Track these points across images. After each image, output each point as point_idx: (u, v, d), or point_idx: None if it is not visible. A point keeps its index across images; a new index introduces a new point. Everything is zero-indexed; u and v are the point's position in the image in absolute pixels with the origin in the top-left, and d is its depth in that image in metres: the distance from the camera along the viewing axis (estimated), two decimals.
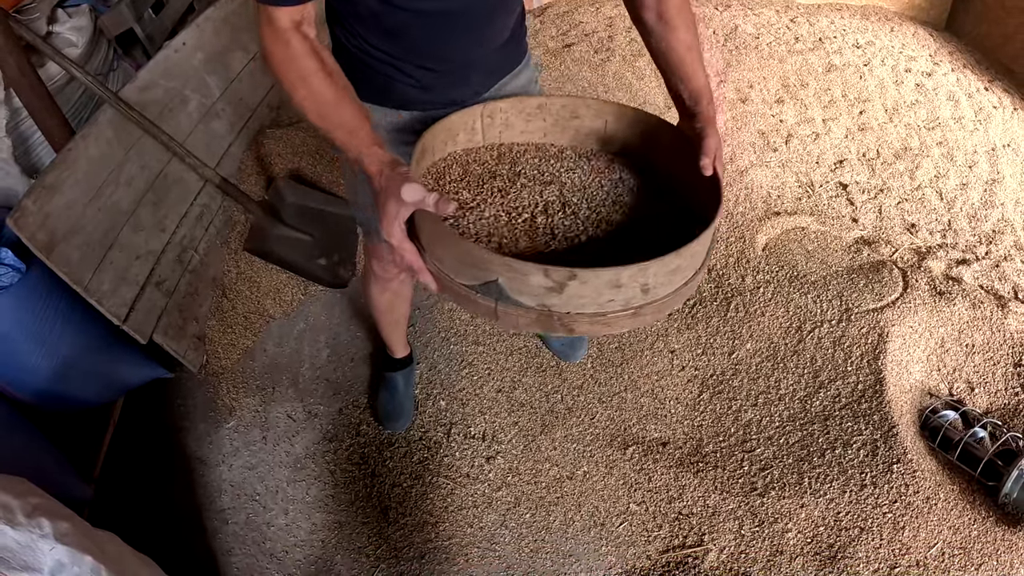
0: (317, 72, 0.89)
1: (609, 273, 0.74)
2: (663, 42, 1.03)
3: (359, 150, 0.88)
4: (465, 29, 1.04)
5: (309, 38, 0.90)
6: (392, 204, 0.81)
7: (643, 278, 0.77)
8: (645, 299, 0.80)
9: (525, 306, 0.78)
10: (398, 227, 0.82)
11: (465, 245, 0.78)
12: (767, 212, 2.23)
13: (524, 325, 0.81)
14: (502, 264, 0.75)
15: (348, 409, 1.85)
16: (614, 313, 0.79)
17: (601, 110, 1.08)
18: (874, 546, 1.54)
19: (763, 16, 3.02)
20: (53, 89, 1.85)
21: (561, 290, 0.75)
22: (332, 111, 0.89)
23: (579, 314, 0.78)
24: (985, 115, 2.58)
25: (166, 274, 1.89)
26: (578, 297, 0.76)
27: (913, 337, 1.86)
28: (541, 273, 0.73)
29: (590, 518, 1.63)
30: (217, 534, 1.68)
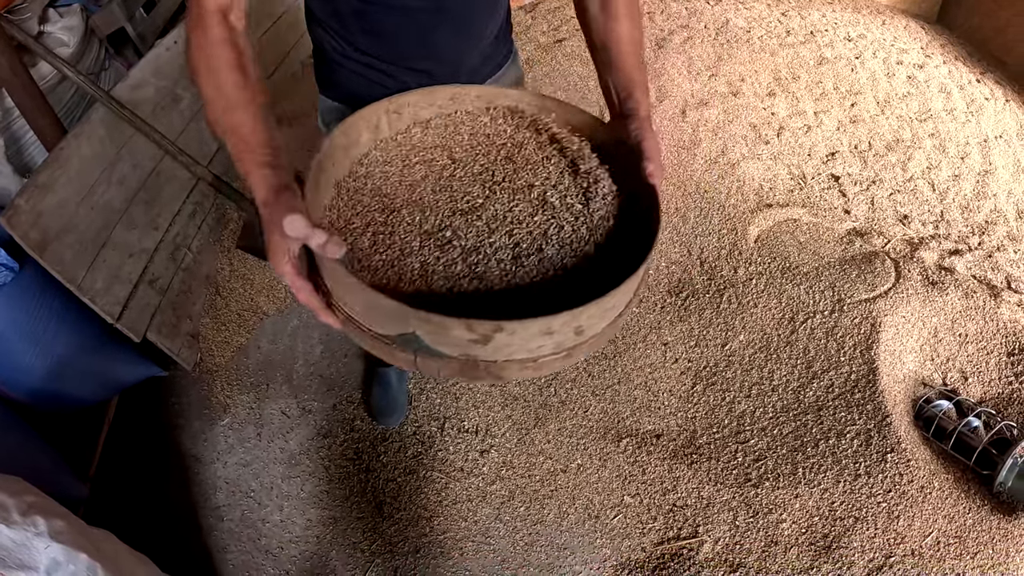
0: (229, 66, 0.80)
1: (539, 323, 0.66)
2: (603, 33, 0.96)
3: (248, 167, 0.75)
4: (449, 27, 1.02)
5: (233, 28, 0.82)
6: (276, 237, 0.71)
7: (576, 322, 0.70)
8: (579, 339, 0.74)
9: (447, 356, 0.70)
10: (285, 263, 0.72)
11: (372, 295, 0.67)
12: (759, 204, 2.23)
13: (448, 375, 0.73)
14: (419, 319, 0.66)
15: (342, 405, 1.85)
16: (545, 357, 0.73)
17: (520, 100, 0.96)
18: (869, 536, 1.54)
19: (754, 10, 3.03)
20: (45, 88, 1.85)
21: (487, 342, 0.67)
22: (232, 113, 0.78)
23: (507, 361, 0.71)
24: (977, 107, 2.59)
25: (159, 272, 1.89)
26: (506, 347, 0.69)
27: (906, 327, 1.86)
28: (463, 327, 0.65)
29: (584, 511, 1.63)
30: (212, 531, 1.68)
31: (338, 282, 0.72)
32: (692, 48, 2.81)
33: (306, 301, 0.75)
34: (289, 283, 0.74)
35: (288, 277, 0.73)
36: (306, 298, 0.75)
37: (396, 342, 0.71)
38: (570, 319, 0.68)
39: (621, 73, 0.94)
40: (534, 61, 2.78)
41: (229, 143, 0.78)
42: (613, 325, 0.78)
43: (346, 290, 0.72)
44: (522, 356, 0.71)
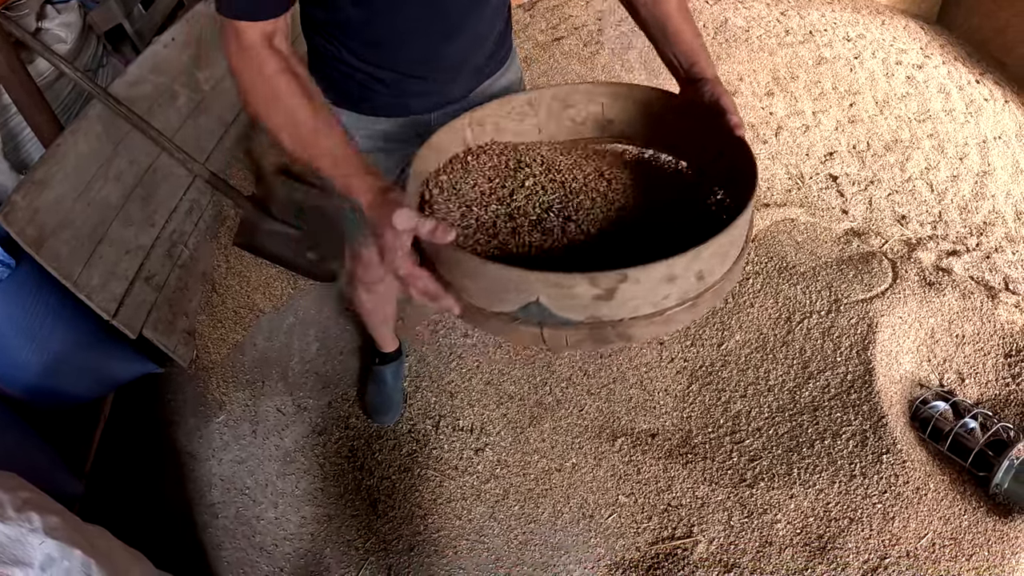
0: (294, 94, 0.80)
1: (662, 267, 0.66)
2: (652, 7, 0.98)
3: (347, 180, 0.79)
4: (453, 36, 1.00)
5: (282, 53, 0.81)
6: (388, 234, 0.73)
7: (698, 265, 0.70)
8: (701, 287, 0.73)
9: (574, 322, 0.70)
10: (401, 257, 0.74)
11: (493, 268, 0.68)
12: (757, 203, 2.23)
13: (576, 343, 0.73)
14: (541, 281, 0.66)
15: (337, 402, 1.85)
16: (672, 309, 0.71)
17: (594, 93, 1.00)
18: (864, 537, 1.54)
19: (753, 9, 3.02)
20: (42, 85, 1.85)
21: (611, 296, 0.67)
22: (314, 138, 0.80)
23: (634, 319, 0.70)
24: (976, 107, 2.58)
25: (156, 269, 1.89)
26: (631, 300, 0.68)
27: (903, 328, 1.86)
28: (587, 282, 0.65)
29: (579, 510, 1.63)
30: (207, 528, 1.68)
31: (455, 265, 0.74)
32: None
33: (425, 288, 0.75)
34: (407, 275, 0.75)
35: (405, 269, 0.74)
36: (427, 284, 0.75)
37: (519, 317, 0.71)
38: (692, 260, 0.68)
39: (682, 43, 0.96)
40: (532, 59, 2.78)
41: (320, 166, 0.80)
42: (731, 272, 0.77)
43: (464, 272, 0.73)
44: (648, 310, 0.71)
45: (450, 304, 0.76)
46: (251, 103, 0.80)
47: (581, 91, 1.01)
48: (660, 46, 1.00)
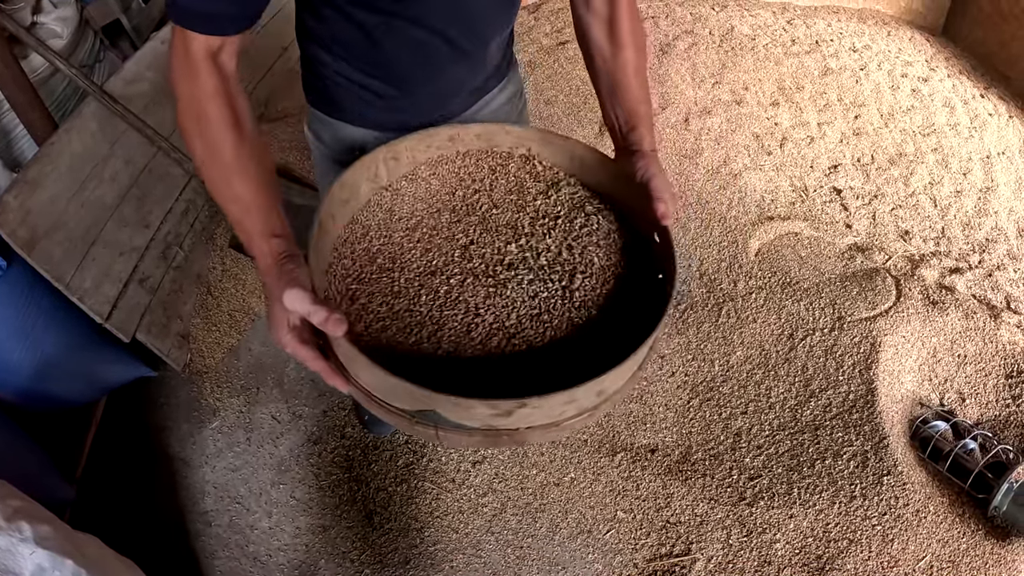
0: (224, 125, 0.74)
1: (562, 396, 0.66)
2: (608, 62, 0.93)
3: (249, 236, 0.73)
4: (456, 56, 0.97)
5: (224, 73, 0.75)
6: (277, 309, 0.69)
7: (599, 387, 0.69)
8: (600, 399, 0.74)
9: (469, 428, 0.70)
10: (286, 335, 0.70)
11: (390, 379, 0.65)
12: (760, 216, 2.21)
13: (469, 445, 0.72)
14: (440, 400, 0.65)
15: (333, 411, 1.83)
16: (568, 420, 0.72)
17: (523, 137, 0.94)
18: (863, 558, 1.53)
19: (760, 17, 3.00)
20: (36, 81, 1.82)
21: (509, 415, 0.67)
22: (230, 180, 0.74)
23: (529, 428, 0.71)
24: (980, 122, 2.57)
25: (150, 271, 1.85)
26: (528, 416, 0.69)
27: (905, 347, 1.85)
28: (486, 406, 0.65)
29: (577, 525, 1.62)
30: (200, 536, 1.65)
31: (350, 360, 0.70)
32: (696, 55, 2.78)
33: (314, 367, 0.72)
34: (291, 353, 0.71)
35: (289, 348, 0.71)
36: (312, 365, 0.72)
37: (416, 417, 0.70)
38: (593, 386, 0.67)
39: (625, 105, 0.92)
40: (536, 63, 2.75)
41: (228, 211, 0.75)
42: (633, 379, 0.77)
43: (359, 368, 0.70)
44: (544, 422, 0.71)
45: (339, 386, 0.72)
46: (181, 122, 0.75)
47: (509, 132, 0.95)
48: (604, 104, 0.95)
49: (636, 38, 0.93)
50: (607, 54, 0.94)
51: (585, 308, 0.80)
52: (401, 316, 0.76)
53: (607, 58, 0.94)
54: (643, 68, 0.94)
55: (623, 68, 0.92)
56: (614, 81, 0.93)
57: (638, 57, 0.93)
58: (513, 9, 1.00)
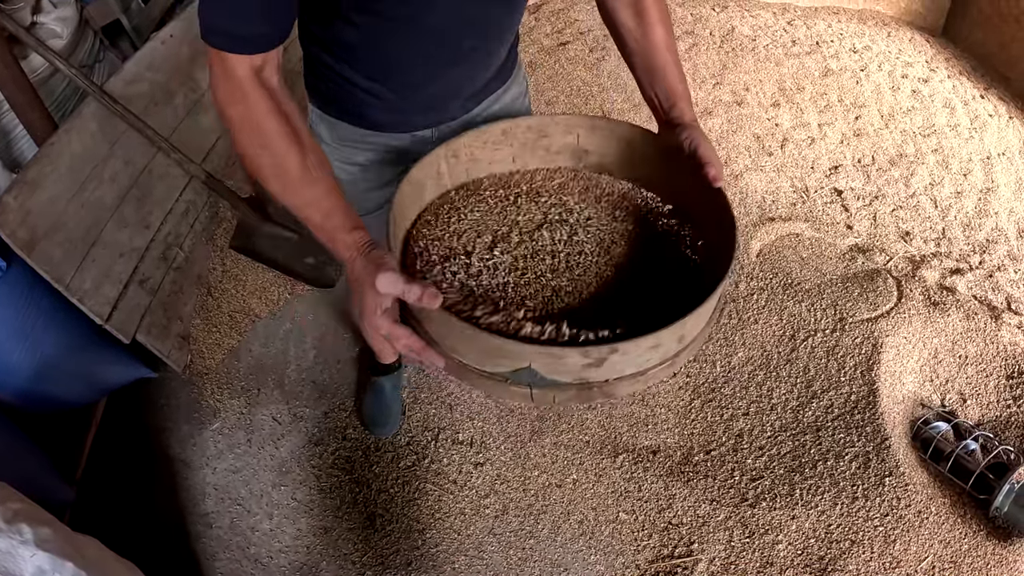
0: (283, 137, 0.76)
1: (650, 339, 0.69)
2: (640, 42, 0.95)
3: (331, 235, 0.77)
4: (461, 59, 0.97)
5: (271, 89, 0.77)
6: (370, 296, 0.71)
7: (681, 331, 0.73)
8: (680, 346, 0.77)
9: (561, 384, 0.73)
10: (381, 318, 0.72)
11: (491, 340, 0.70)
12: (762, 217, 2.21)
13: (563, 401, 0.76)
14: (536, 352, 0.69)
15: (334, 412, 1.82)
16: (652, 369, 0.75)
17: (571, 124, 0.99)
18: (864, 559, 1.53)
19: (760, 18, 3.00)
20: (36, 81, 1.81)
21: (600, 364, 0.71)
22: (303, 189, 0.77)
23: (618, 379, 0.74)
24: (981, 123, 2.57)
25: (150, 272, 1.85)
26: (618, 365, 0.72)
27: (907, 348, 1.85)
28: (579, 354, 0.69)
29: (579, 526, 1.61)
30: (201, 538, 1.65)
31: (449, 331, 0.74)
32: (697, 55, 2.78)
33: (408, 344, 0.74)
34: (388, 334, 0.73)
35: (386, 329, 0.73)
36: (409, 342, 0.74)
37: (510, 378, 0.73)
38: (676, 328, 0.71)
39: (664, 82, 0.95)
40: (537, 64, 2.74)
41: (304, 216, 0.78)
42: (708, 327, 0.81)
43: (457, 338, 0.73)
44: (631, 371, 0.74)
45: (435, 360, 0.74)
46: (239, 143, 0.77)
47: (558, 122, 1.00)
48: (643, 83, 0.98)
49: (663, 15, 0.96)
50: (637, 35, 0.96)
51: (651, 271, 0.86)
52: (476, 292, 0.81)
53: (638, 38, 0.96)
54: (674, 45, 0.96)
55: (656, 47, 0.95)
56: (649, 62, 0.95)
57: (667, 35, 0.96)
58: (517, 14, 1.00)
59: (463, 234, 0.90)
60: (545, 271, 0.85)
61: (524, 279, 0.84)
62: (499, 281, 0.83)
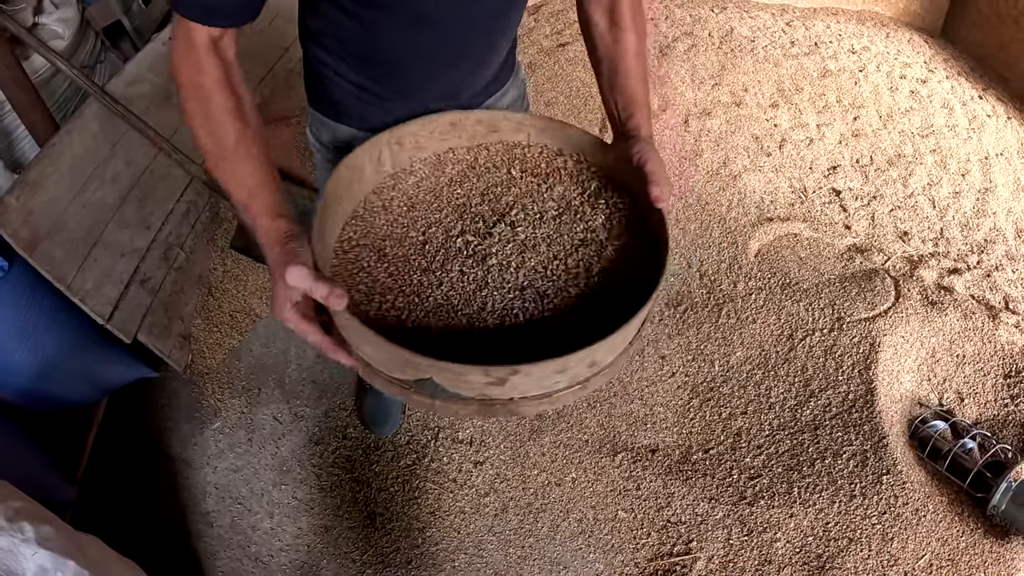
0: (228, 114, 0.77)
1: (554, 364, 0.67)
2: (608, 48, 0.94)
3: (253, 217, 0.77)
4: (458, 59, 0.97)
5: (226, 61, 0.78)
6: (280, 288, 0.73)
7: (590, 358, 0.72)
8: (592, 371, 0.75)
9: (464, 397, 0.72)
10: (289, 311, 0.74)
11: (389, 348, 0.67)
12: (760, 217, 2.22)
13: (465, 415, 0.75)
14: (436, 367, 0.67)
15: (334, 412, 1.83)
16: (560, 392, 0.74)
17: (522, 122, 0.97)
18: (863, 557, 1.54)
19: (759, 19, 3.01)
20: (38, 82, 1.82)
21: (503, 383, 0.70)
22: (235, 164, 0.78)
23: (523, 398, 0.73)
24: (979, 123, 2.58)
25: (151, 272, 1.86)
26: (521, 385, 0.71)
27: (904, 347, 1.86)
28: (480, 372, 0.67)
29: (578, 525, 1.62)
30: (202, 537, 1.66)
31: (351, 332, 0.73)
32: (696, 56, 2.79)
33: (315, 342, 0.75)
34: (294, 328, 0.74)
35: (292, 323, 0.74)
36: (316, 339, 0.75)
37: (413, 386, 0.73)
38: (585, 356, 0.69)
39: (624, 92, 0.93)
40: (536, 65, 2.75)
41: (232, 193, 0.78)
42: (625, 354, 0.79)
43: (360, 340, 0.72)
44: (537, 392, 0.73)
45: (344, 360, 0.75)
46: (186, 110, 0.79)
47: (510, 119, 0.97)
48: (604, 88, 0.96)
49: (637, 23, 0.94)
50: (608, 39, 0.95)
51: (583, 284, 0.82)
52: (404, 292, 0.80)
53: (608, 43, 0.95)
54: (643, 52, 0.95)
55: (623, 52, 0.93)
56: (613, 66, 0.94)
57: (639, 41, 0.94)
58: (516, 12, 1.00)
59: (396, 229, 0.88)
60: (475, 271, 0.82)
61: (450, 280, 0.81)
62: (426, 284, 0.80)
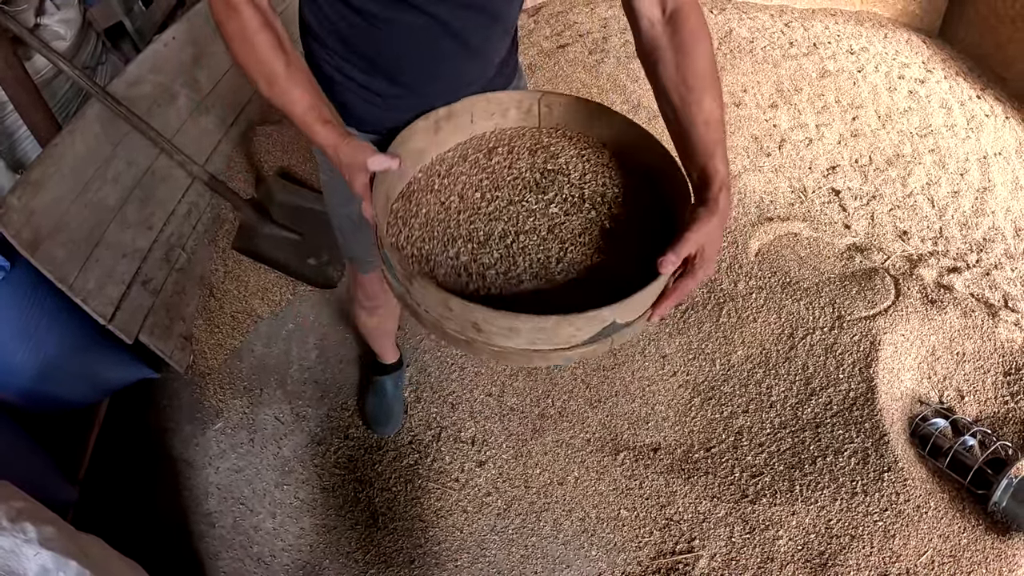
0: (271, 48, 0.87)
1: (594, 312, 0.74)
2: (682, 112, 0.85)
3: (312, 128, 0.88)
4: (458, 53, 0.97)
5: (260, 7, 0.87)
6: (354, 171, 0.86)
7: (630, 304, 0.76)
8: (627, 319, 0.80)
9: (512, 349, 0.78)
10: (363, 187, 0.85)
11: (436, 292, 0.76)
12: (760, 217, 2.23)
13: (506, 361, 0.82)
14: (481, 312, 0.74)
15: (336, 412, 1.83)
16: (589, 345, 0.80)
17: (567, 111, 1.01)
18: (864, 554, 1.54)
19: (758, 20, 3.02)
20: (40, 82, 1.82)
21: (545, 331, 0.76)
22: (288, 91, 0.88)
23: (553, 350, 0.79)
24: (977, 123, 2.59)
25: (153, 273, 1.85)
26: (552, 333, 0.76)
27: (904, 345, 1.87)
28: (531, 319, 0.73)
29: (580, 524, 1.62)
30: (204, 538, 1.65)
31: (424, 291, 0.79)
32: None
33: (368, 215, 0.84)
34: (364, 199, 0.85)
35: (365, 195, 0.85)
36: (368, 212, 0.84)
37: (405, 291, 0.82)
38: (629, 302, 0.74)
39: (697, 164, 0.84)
40: (536, 67, 2.76)
41: (290, 113, 0.89)
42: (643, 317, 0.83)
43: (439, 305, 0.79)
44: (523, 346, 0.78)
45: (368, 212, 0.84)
46: (234, 52, 0.88)
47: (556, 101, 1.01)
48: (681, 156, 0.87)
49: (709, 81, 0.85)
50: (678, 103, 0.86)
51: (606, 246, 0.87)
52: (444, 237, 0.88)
53: (677, 109, 0.87)
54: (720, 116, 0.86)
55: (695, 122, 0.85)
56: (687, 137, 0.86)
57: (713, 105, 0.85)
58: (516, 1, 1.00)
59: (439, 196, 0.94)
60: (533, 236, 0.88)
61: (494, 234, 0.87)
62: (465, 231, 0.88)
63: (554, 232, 0.88)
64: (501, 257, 0.85)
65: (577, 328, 0.75)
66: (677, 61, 0.86)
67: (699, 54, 0.85)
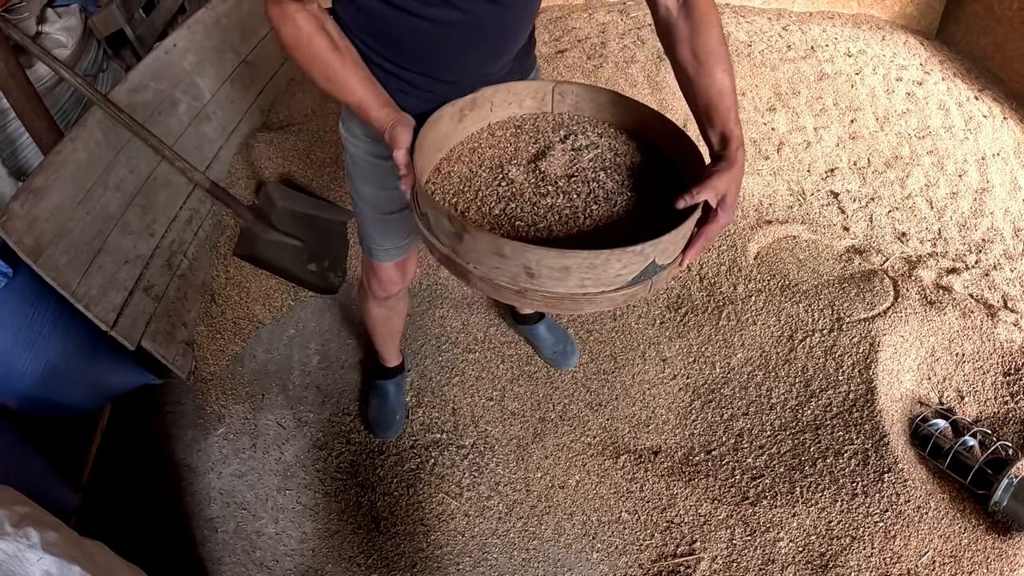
0: (328, 50, 0.96)
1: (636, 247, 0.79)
2: (697, 82, 0.96)
3: (369, 113, 0.98)
4: (481, 44, 1.02)
5: (315, 14, 0.95)
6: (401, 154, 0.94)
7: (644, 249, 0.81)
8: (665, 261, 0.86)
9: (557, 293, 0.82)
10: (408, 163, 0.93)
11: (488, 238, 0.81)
12: (759, 220, 2.24)
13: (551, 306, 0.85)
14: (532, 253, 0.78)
15: (338, 417, 1.84)
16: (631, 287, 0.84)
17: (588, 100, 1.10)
18: (865, 555, 1.54)
19: (755, 23, 3.03)
20: (42, 90, 1.83)
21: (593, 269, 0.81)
22: (345, 86, 0.98)
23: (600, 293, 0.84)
24: (975, 124, 2.60)
25: (155, 279, 1.86)
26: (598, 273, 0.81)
27: (904, 346, 1.87)
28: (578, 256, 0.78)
29: (582, 527, 1.63)
30: (206, 543, 1.66)
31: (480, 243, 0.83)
32: None
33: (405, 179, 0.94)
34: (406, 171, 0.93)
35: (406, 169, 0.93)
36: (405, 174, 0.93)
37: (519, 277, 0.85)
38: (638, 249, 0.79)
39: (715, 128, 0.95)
40: None
41: (349, 103, 1.00)
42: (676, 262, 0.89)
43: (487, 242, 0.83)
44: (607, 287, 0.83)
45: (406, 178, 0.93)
46: (294, 56, 0.98)
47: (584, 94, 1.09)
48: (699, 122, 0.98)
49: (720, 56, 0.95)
50: (694, 75, 0.97)
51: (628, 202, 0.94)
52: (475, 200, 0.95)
53: (694, 79, 0.97)
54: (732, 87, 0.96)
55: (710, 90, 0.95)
56: (704, 103, 0.96)
57: (725, 77, 0.95)
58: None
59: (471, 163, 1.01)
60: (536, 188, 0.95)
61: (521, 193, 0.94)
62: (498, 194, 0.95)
63: (578, 188, 0.95)
64: (534, 207, 0.91)
65: (624, 265, 0.80)
66: (691, 40, 0.96)
67: (709, 33, 0.95)
